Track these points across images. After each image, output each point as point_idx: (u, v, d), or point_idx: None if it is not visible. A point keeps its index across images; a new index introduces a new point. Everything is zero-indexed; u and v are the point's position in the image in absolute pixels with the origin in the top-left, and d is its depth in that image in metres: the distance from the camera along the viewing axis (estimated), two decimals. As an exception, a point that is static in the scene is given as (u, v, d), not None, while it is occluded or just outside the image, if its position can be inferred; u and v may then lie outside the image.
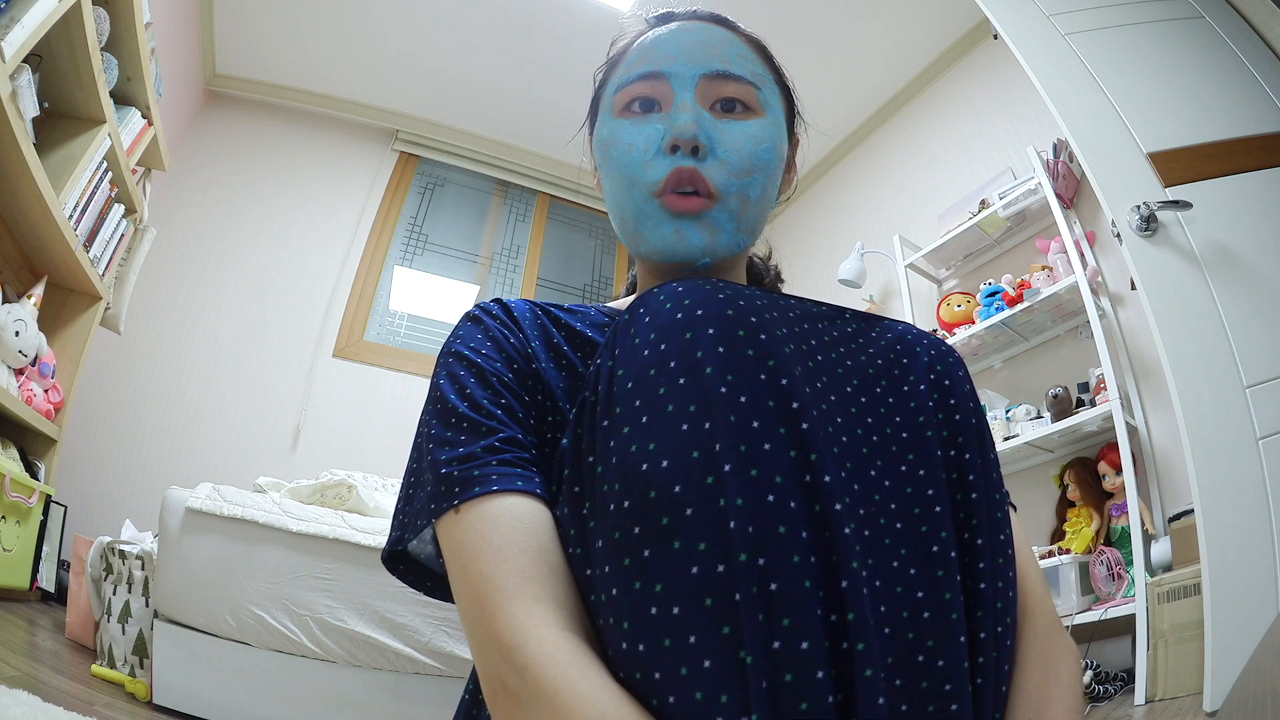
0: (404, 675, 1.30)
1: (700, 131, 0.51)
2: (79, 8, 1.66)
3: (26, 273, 1.94)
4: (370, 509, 1.48)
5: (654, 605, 0.34)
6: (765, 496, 0.34)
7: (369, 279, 3.19)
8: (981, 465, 0.45)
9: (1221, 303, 1.39)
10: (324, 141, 3.35)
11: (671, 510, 0.35)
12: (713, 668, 0.32)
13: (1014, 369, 2.36)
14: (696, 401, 0.37)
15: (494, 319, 0.51)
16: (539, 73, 3.11)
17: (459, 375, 0.47)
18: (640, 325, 0.41)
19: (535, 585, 0.39)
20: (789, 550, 0.34)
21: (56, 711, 0.91)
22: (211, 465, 2.53)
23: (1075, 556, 1.83)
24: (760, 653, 0.32)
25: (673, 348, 0.39)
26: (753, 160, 0.53)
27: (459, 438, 0.44)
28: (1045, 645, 0.45)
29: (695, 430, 0.36)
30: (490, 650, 0.38)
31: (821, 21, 2.75)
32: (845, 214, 3.27)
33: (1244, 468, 1.29)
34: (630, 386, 0.39)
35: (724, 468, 0.35)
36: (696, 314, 0.39)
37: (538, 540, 0.40)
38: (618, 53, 0.61)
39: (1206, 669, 1.22)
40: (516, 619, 0.37)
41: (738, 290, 0.41)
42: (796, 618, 0.32)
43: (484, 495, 0.41)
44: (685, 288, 0.41)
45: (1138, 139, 1.53)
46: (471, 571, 0.40)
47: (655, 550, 0.35)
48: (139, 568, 1.41)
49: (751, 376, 0.37)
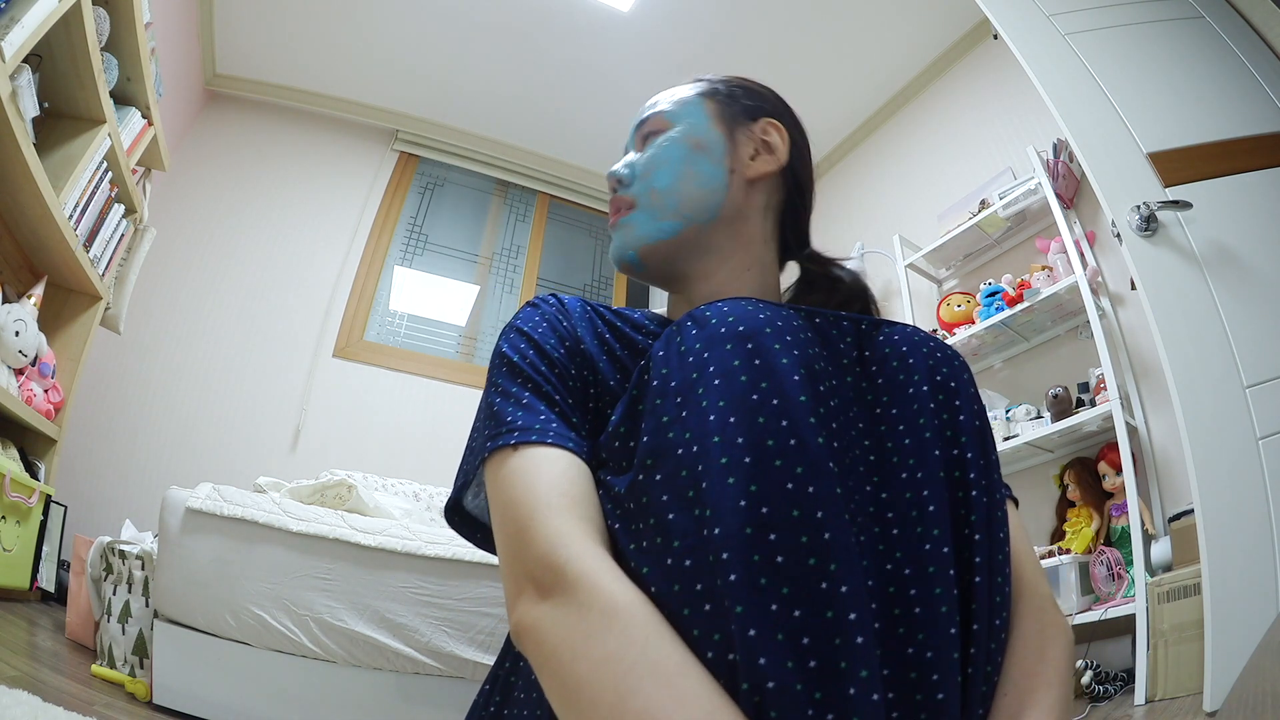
0: (404, 675, 1.30)
1: (622, 167, 0.66)
2: (79, 8, 1.66)
3: (26, 273, 1.94)
4: (370, 509, 1.48)
5: (669, 557, 0.38)
6: (784, 485, 0.38)
7: (369, 279, 3.19)
8: (983, 465, 0.47)
9: (1221, 303, 1.39)
10: (324, 141, 3.35)
11: (693, 482, 0.39)
12: (711, 610, 0.36)
13: (1014, 369, 2.36)
14: (726, 398, 0.41)
15: (550, 306, 0.58)
16: (539, 73, 3.11)
17: (520, 346, 0.53)
18: (687, 335, 0.46)
19: (577, 509, 0.43)
20: (797, 531, 0.36)
21: (56, 711, 0.91)
22: (211, 465, 2.53)
23: (1075, 556, 1.83)
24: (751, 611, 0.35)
25: (713, 355, 0.43)
26: (651, 162, 0.65)
27: (522, 393, 0.50)
28: (1036, 622, 0.48)
29: (721, 421, 0.40)
30: (527, 554, 0.41)
31: (821, 22, 2.74)
32: (845, 214, 3.27)
33: (1244, 468, 1.28)
34: (673, 386, 0.44)
35: (744, 458, 0.38)
36: (739, 330, 0.44)
37: (579, 484, 0.45)
38: None
39: (1206, 669, 1.22)
40: (562, 526, 0.41)
41: (772, 308, 0.46)
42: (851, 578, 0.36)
43: (540, 443, 0.46)
44: (730, 307, 0.46)
45: (1138, 139, 1.53)
46: (520, 489, 0.44)
47: (678, 515, 0.39)
48: (139, 568, 1.41)
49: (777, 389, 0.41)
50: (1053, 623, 0.49)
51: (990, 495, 0.46)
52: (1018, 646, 0.46)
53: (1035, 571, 0.52)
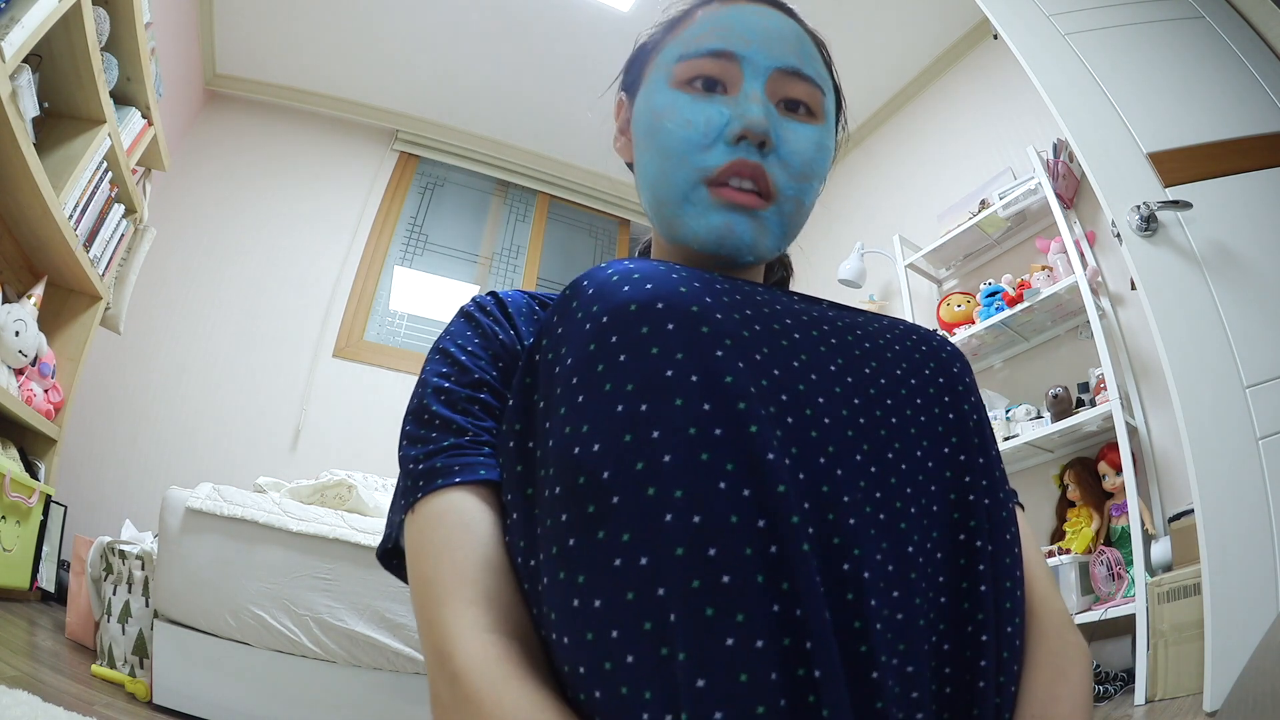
0: (404, 675, 1.30)
1: (770, 127, 0.49)
2: (79, 8, 1.66)
3: (26, 273, 1.94)
4: (370, 509, 1.48)
5: (577, 597, 0.33)
6: (715, 484, 0.32)
7: (369, 279, 3.18)
8: (983, 465, 0.43)
9: (1221, 303, 1.39)
10: (324, 141, 3.35)
11: (599, 498, 0.33)
12: (635, 663, 0.31)
13: (1014, 369, 2.36)
14: (635, 380, 0.34)
15: (487, 315, 0.50)
16: (539, 73, 3.11)
17: (441, 372, 0.47)
18: (584, 298, 0.38)
19: (469, 586, 0.38)
20: (742, 541, 0.31)
21: (56, 711, 0.91)
22: (211, 465, 2.53)
23: (1075, 556, 1.83)
24: (696, 650, 0.30)
25: (616, 323, 0.36)
26: (812, 166, 0.51)
27: (429, 434, 0.44)
28: (1054, 643, 0.44)
29: (631, 412, 0.34)
30: (430, 657, 0.38)
31: (821, 21, 2.73)
32: (845, 214, 3.27)
33: (1244, 468, 1.28)
34: (570, 364, 0.37)
35: (663, 456, 0.32)
36: (646, 289, 0.37)
37: (476, 535, 0.40)
38: (677, 15, 0.57)
39: (1206, 669, 1.22)
40: (449, 624, 0.37)
41: (694, 273, 0.39)
42: (752, 613, 0.30)
43: (438, 490, 0.41)
44: (636, 266, 0.39)
45: (1138, 139, 1.53)
46: (416, 574, 0.40)
47: (580, 540, 0.33)
48: (139, 568, 1.41)
49: (704, 355, 0.35)
50: (1073, 643, 0.45)
51: (993, 495, 0.43)
52: (1037, 668, 0.42)
53: (1049, 586, 0.48)
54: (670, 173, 0.50)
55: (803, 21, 0.57)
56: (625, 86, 0.61)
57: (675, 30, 0.55)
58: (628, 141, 0.58)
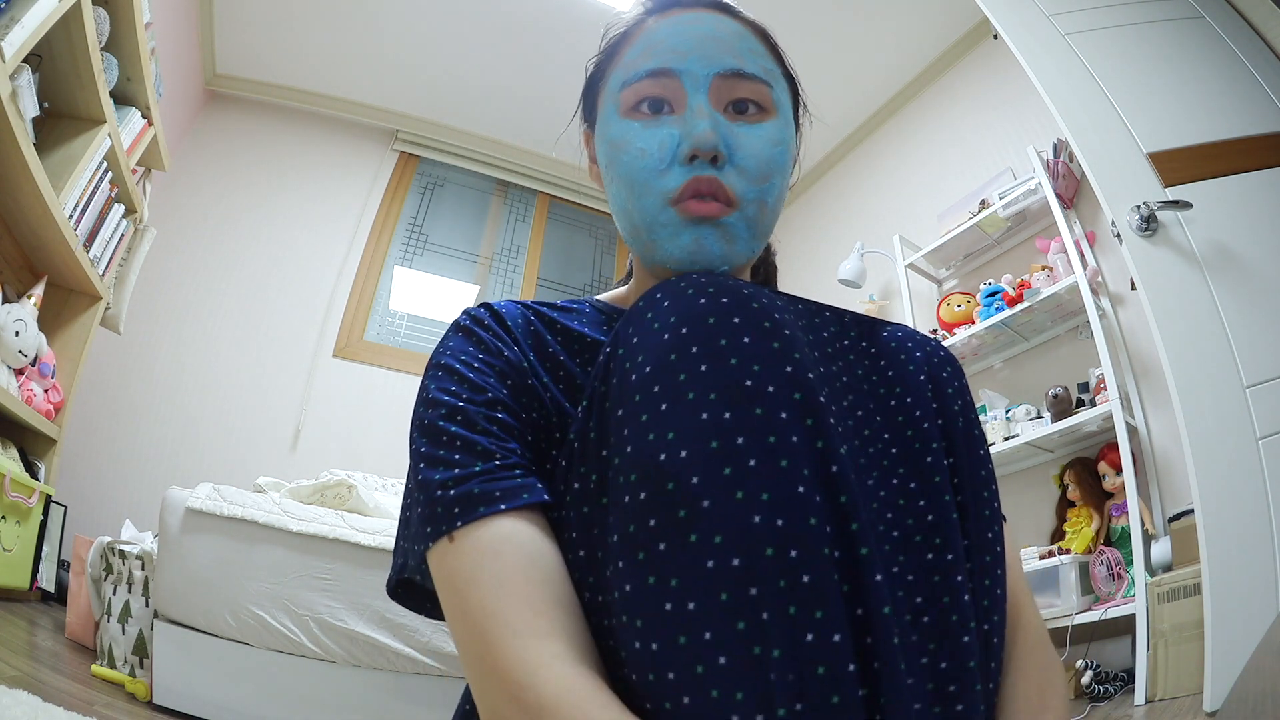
0: (404, 675, 1.30)
1: (720, 140, 0.49)
2: (79, 8, 1.66)
3: (26, 273, 1.94)
4: (370, 509, 1.48)
5: (668, 601, 0.33)
6: (795, 489, 0.34)
7: (369, 279, 3.19)
8: (969, 466, 0.45)
9: (1221, 303, 1.39)
10: (324, 141, 3.35)
11: (689, 502, 0.34)
12: (728, 664, 0.31)
13: (1014, 369, 2.36)
14: (717, 390, 0.36)
15: (486, 329, 0.48)
16: (539, 73, 3.11)
17: (450, 390, 0.44)
18: (659, 310, 0.40)
19: (545, 619, 0.37)
20: (819, 543, 0.33)
21: (56, 711, 0.91)
22: (211, 465, 2.53)
23: (1075, 556, 1.83)
24: (788, 646, 0.31)
25: (695, 333, 0.38)
26: (769, 165, 0.51)
27: (452, 456, 0.42)
28: (1041, 657, 0.47)
29: (715, 420, 0.35)
30: (496, 690, 0.36)
31: (821, 21, 2.74)
32: (845, 214, 3.27)
33: (1244, 468, 1.28)
34: (649, 372, 0.38)
35: (748, 461, 0.34)
36: (721, 301, 0.39)
37: (543, 570, 0.39)
38: (615, 39, 0.57)
39: (1206, 669, 1.22)
40: (528, 656, 0.35)
41: (757, 287, 0.41)
42: (829, 610, 0.32)
43: (483, 518, 0.39)
44: (708, 278, 0.41)
45: (1138, 139, 1.53)
46: (472, 604, 0.38)
47: (671, 544, 0.34)
48: (139, 568, 1.41)
49: (778, 368, 0.37)
50: (1051, 664, 0.47)
51: (975, 496, 0.45)
52: (1019, 688, 0.44)
53: (1028, 598, 0.50)
54: (636, 200, 0.51)
55: (741, 15, 0.56)
56: (585, 118, 0.63)
57: (617, 57, 0.56)
58: (599, 170, 0.60)
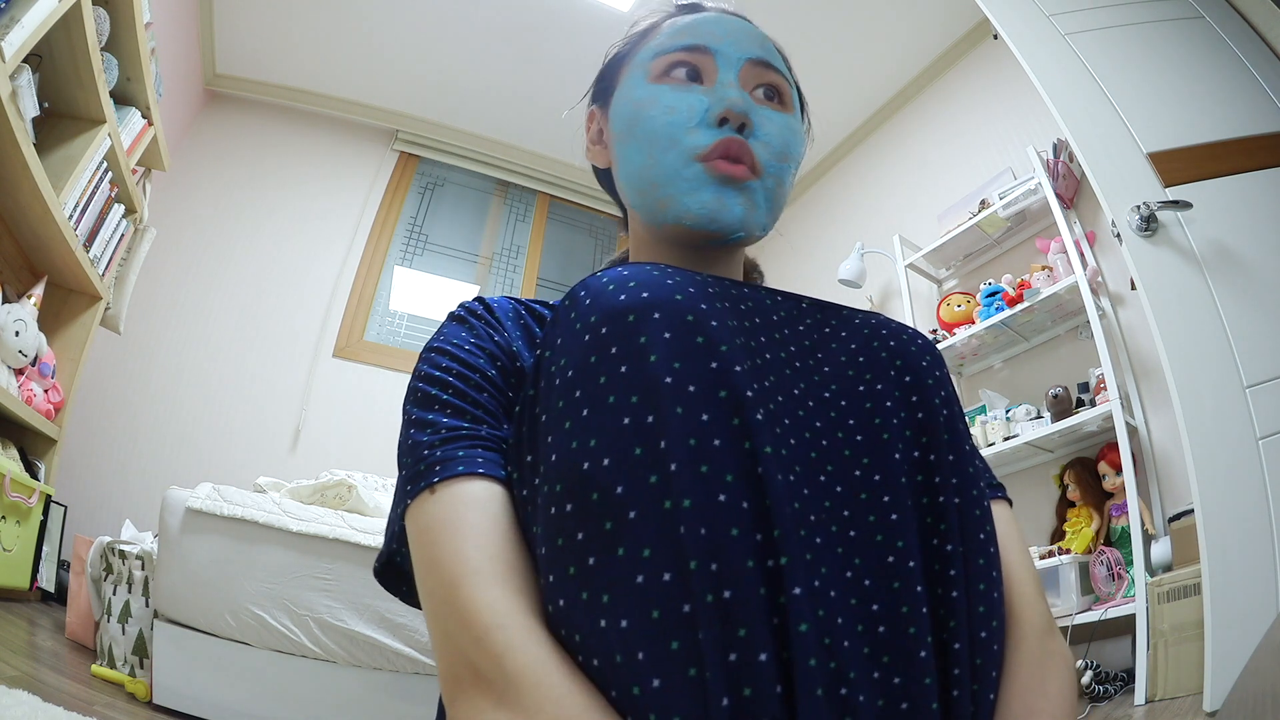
0: (404, 675, 1.30)
1: (748, 110, 0.51)
2: (79, 8, 1.66)
3: (26, 273, 1.94)
4: (370, 509, 1.48)
5: (603, 618, 0.32)
6: (716, 496, 0.32)
7: (369, 279, 3.19)
8: (953, 462, 0.41)
9: (1221, 303, 1.39)
10: (324, 141, 3.35)
11: (614, 514, 0.32)
12: (663, 687, 0.30)
13: (1014, 369, 2.36)
14: (639, 392, 0.34)
15: (478, 319, 0.49)
16: (539, 73, 3.11)
17: (442, 366, 0.45)
18: (581, 309, 0.38)
19: (513, 572, 0.36)
20: (743, 555, 0.31)
21: (56, 711, 0.91)
22: (211, 465, 2.53)
23: (1075, 556, 1.83)
24: (718, 668, 0.30)
25: (614, 331, 0.36)
26: (789, 148, 0.53)
27: (440, 419, 0.42)
28: (1034, 651, 0.42)
29: (638, 424, 0.33)
30: (461, 634, 0.35)
31: (820, 21, 2.74)
32: (845, 214, 3.27)
33: (1244, 468, 1.28)
34: (570, 376, 0.36)
35: (670, 466, 0.32)
36: (641, 297, 0.37)
37: (507, 533, 0.38)
38: (644, 29, 0.59)
39: (1206, 669, 1.22)
40: (496, 602, 0.35)
41: (687, 276, 0.39)
42: (753, 628, 0.30)
43: (465, 475, 0.39)
44: (630, 272, 0.39)
45: (1138, 139, 1.53)
46: (445, 550, 0.37)
47: (599, 559, 0.32)
48: (139, 568, 1.41)
49: (700, 365, 0.35)
50: (1054, 651, 0.43)
51: (963, 494, 0.41)
52: (1016, 678, 0.40)
53: (1032, 588, 0.46)
54: (659, 155, 0.51)
55: (759, 29, 0.60)
56: (596, 98, 0.63)
57: (646, 38, 0.58)
58: (602, 148, 0.62)
